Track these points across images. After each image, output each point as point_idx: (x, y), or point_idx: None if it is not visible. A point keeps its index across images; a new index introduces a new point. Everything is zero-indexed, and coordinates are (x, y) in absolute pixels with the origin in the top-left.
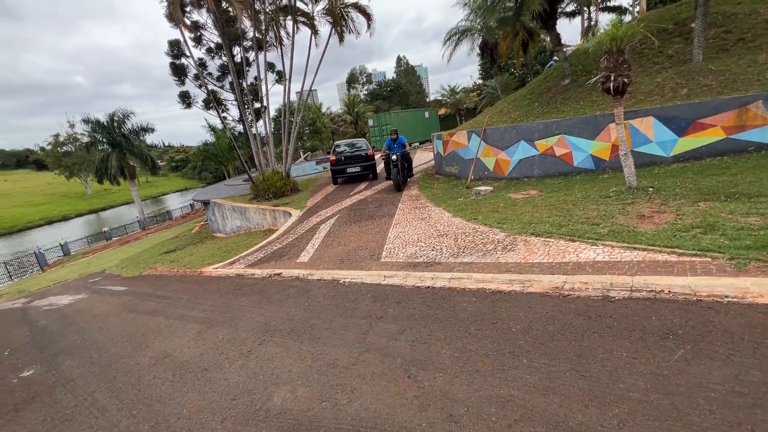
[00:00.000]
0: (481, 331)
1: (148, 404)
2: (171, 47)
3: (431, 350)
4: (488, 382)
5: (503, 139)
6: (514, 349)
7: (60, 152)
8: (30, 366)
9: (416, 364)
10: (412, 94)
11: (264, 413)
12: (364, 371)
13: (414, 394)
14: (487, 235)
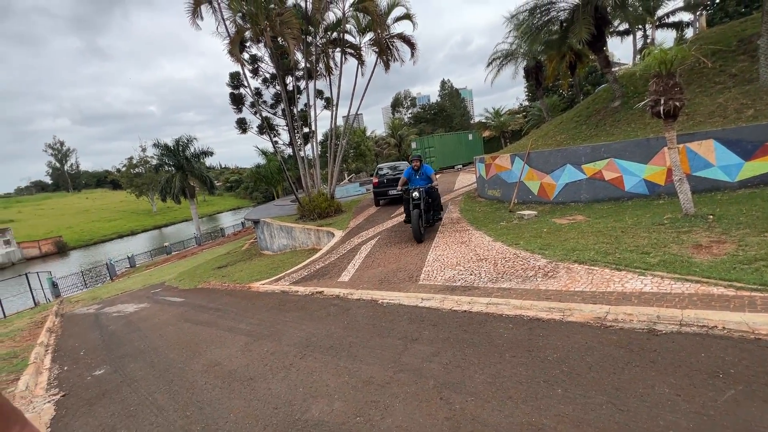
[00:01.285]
0: (515, 357)
1: (199, 407)
2: (231, 79)
3: (464, 374)
4: (520, 409)
5: (548, 162)
6: (549, 378)
7: (132, 173)
8: (101, 366)
9: (449, 386)
10: (456, 117)
11: (302, 423)
12: (398, 390)
13: (445, 416)
14: (528, 261)
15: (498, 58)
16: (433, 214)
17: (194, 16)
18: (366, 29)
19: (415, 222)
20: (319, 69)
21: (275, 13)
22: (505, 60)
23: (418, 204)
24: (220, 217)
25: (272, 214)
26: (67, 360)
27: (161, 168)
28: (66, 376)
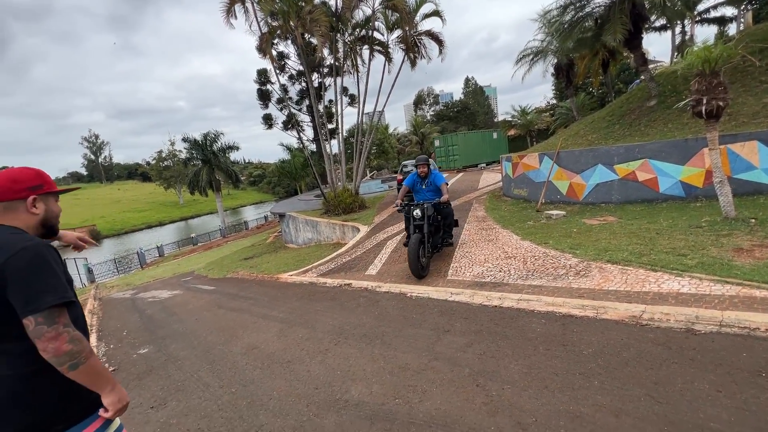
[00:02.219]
0: (550, 351)
1: (243, 385)
2: (259, 75)
3: (499, 364)
4: (557, 398)
5: (578, 162)
6: (585, 371)
7: (161, 166)
8: (145, 345)
9: (484, 375)
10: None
11: (343, 402)
12: (434, 377)
13: (482, 401)
14: (559, 259)
15: (528, 55)
16: (443, 236)
17: (228, 16)
18: (394, 26)
19: (412, 252)
20: (346, 66)
21: (306, 11)
22: (535, 57)
23: (420, 225)
24: (244, 211)
25: (297, 208)
26: (112, 339)
27: (189, 162)
28: (113, 353)
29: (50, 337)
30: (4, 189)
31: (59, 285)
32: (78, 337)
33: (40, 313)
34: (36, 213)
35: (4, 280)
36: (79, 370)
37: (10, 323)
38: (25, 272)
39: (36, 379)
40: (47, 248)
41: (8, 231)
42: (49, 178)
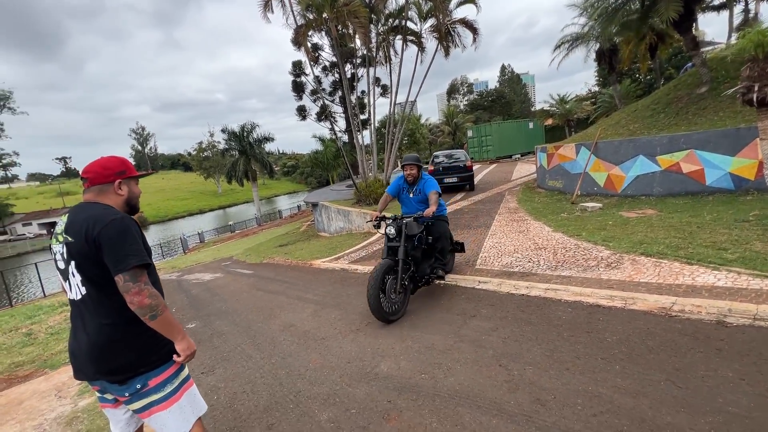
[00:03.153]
0: (573, 336)
1: (282, 357)
2: (293, 67)
3: (522, 347)
4: (577, 379)
5: (618, 153)
6: (608, 356)
7: (201, 157)
8: (192, 321)
9: (507, 356)
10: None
11: (373, 375)
12: (459, 356)
13: (504, 379)
14: (590, 251)
15: (567, 41)
16: (433, 265)
17: (265, 10)
18: (427, 15)
19: (372, 286)
20: (379, 57)
21: (341, 3)
22: (575, 43)
23: (395, 248)
24: (277, 200)
25: (329, 198)
26: None
27: (227, 152)
28: None
29: (135, 292)
30: (97, 174)
31: (140, 250)
32: (155, 294)
33: (126, 272)
34: (121, 194)
35: (100, 246)
36: (157, 320)
37: (109, 281)
38: (115, 239)
39: (128, 328)
40: (131, 221)
41: (102, 207)
42: (131, 165)
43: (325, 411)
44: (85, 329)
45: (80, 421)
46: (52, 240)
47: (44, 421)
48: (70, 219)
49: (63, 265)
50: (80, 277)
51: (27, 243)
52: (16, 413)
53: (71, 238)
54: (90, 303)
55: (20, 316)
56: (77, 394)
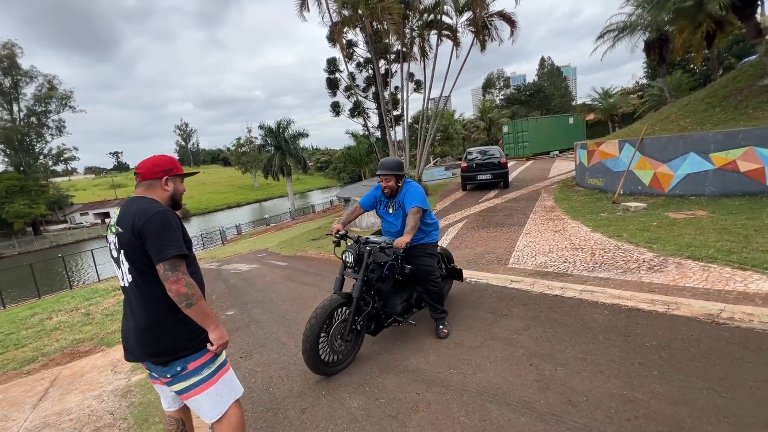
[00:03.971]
0: (609, 340)
1: None
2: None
3: (554, 348)
4: (611, 382)
5: (666, 150)
6: (645, 361)
7: (239, 152)
8: (231, 308)
9: (538, 356)
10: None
11: (402, 368)
12: (488, 354)
13: (534, 378)
14: (632, 253)
15: (612, 30)
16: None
17: (302, 9)
18: (464, 9)
19: (311, 330)
20: (413, 52)
21: (376, 0)
22: (621, 33)
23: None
24: (310, 195)
25: (361, 193)
26: None
27: (264, 148)
28: None
29: (173, 280)
30: (148, 170)
31: (179, 241)
32: (192, 283)
33: (166, 261)
34: (167, 190)
35: (144, 236)
36: (193, 308)
37: (152, 269)
38: (156, 230)
39: (169, 315)
40: (172, 214)
41: (148, 200)
42: (178, 164)
43: (355, 399)
44: (133, 314)
45: (133, 395)
46: (107, 230)
47: (103, 392)
48: (122, 211)
49: (115, 253)
50: (128, 265)
51: (84, 231)
52: (80, 384)
53: (121, 229)
54: (136, 290)
55: (79, 297)
56: (130, 370)
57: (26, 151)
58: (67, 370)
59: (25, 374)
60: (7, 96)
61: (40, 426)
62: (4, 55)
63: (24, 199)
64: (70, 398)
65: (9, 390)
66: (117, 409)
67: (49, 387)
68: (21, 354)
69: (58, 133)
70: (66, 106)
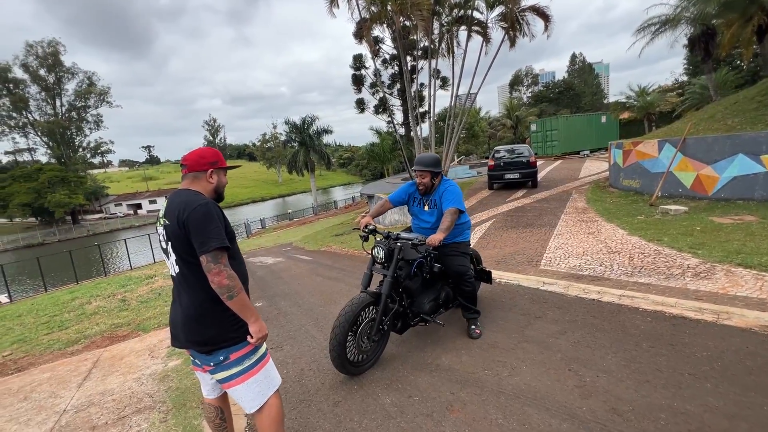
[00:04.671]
0: (654, 348)
1: None
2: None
3: (594, 354)
4: (660, 393)
5: (711, 150)
6: (696, 373)
7: (265, 148)
8: (259, 300)
9: (577, 361)
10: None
11: (434, 366)
12: (524, 356)
13: (575, 384)
14: (674, 258)
15: (653, 24)
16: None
17: (331, 5)
18: (495, 3)
19: (339, 330)
20: (441, 49)
21: None
22: (662, 27)
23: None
24: (333, 191)
25: (385, 190)
26: None
27: (288, 144)
28: None
29: (215, 272)
30: (194, 162)
31: (221, 233)
32: (233, 276)
33: (209, 253)
34: (211, 182)
35: (188, 228)
36: (234, 300)
37: (198, 260)
38: (199, 222)
39: (213, 305)
40: (214, 206)
41: (192, 193)
42: (222, 157)
43: (388, 395)
44: (180, 302)
45: (170, 379)
46: (156, 222)
47: (142, 375)
48: (168, 203)
49: (164, 245)
50: (175, 256)
51: (118, 221)
52: (120, 366)
53: (167, 221)
54: (183, 280)
55: (115, 284)
56: (167, 355)
57: (67, 143)
58: (108, 352)
59: (69, 354)
60: (51, 92)
61: (86, 404)
62: (49, 53)
63: (64, 189)
64: (112, 379)
65: (56, 369)
66: (156, 393)
67: (92, 368)
68: (65, 335)
69: (96, 127)
70: (104, 102)
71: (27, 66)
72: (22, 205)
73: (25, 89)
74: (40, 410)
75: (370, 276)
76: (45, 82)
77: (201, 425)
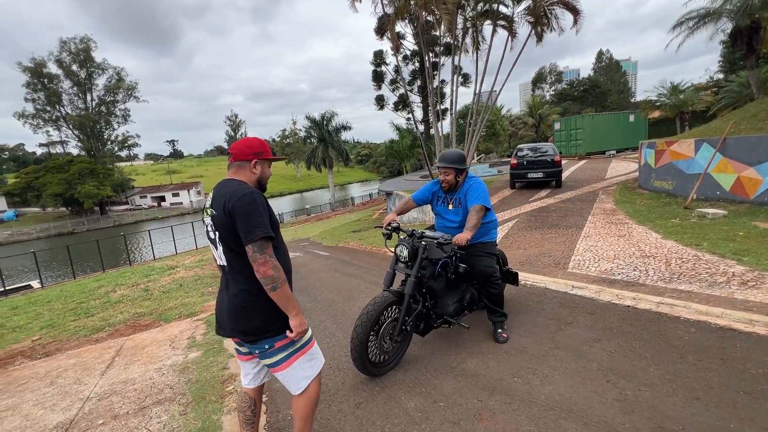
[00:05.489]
0: (702, 362)
1: None
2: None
3: (634, 365)
4: (712, 412)
5: (755, 151)
6: (753, 391)
7: (284, 143)
8: None
9: (616, 372)
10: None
11: (459, 371)
12: (556, 364)
13: (614, 398)
14: (717, 265)
15: (692, 18)
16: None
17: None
18: None
19: (361, 330)
20: (465, 44)
21: None
22: (702, 21)
23: (406, 275)
24: (350, 187)
25: (403, 187)
26: None
27: (307, 140)
28: None
29: (261, 262)
30: (240, 152)
31: (265, 223)
32: (278, 266)
33: (254, 243)
34: (255, 173)
35: (234, 217)
36: (277, 291)
37: (244, 250)
38: (244, 212)
39: (259, 296)
40: (259, 195)
41: (237, 183)
42: (268, 148)
43: (411, 399)
44: (227, 292)
45: (191, 371)
46: (203, 213)
47: (162, 366)
48: (215, 194)
49: (212, 235)
50: (222, 246)
51: (142, 213)
52: (142, 356)
53: (215, 211)
54: (231, 270)
55: (139, 274)
56: (187, 347)
57: (96, 137)
58: (130, 341)
59: (94, 342)
60: (83, 86)
61: (109, 393)
62: (81, 49)
63: (93, 181)
64: (134, 369)
65: (81, 355)
66: (176, 384)
67: (115, 356)
68: (90, 322)
69: (124, 121)
70: (131, 97)
71: (61, 61)
72: (54, 195)
73: (58, 84)
74: (65, 396)
75: (393, 275)
76: (77, 77)
77: (220, 420)
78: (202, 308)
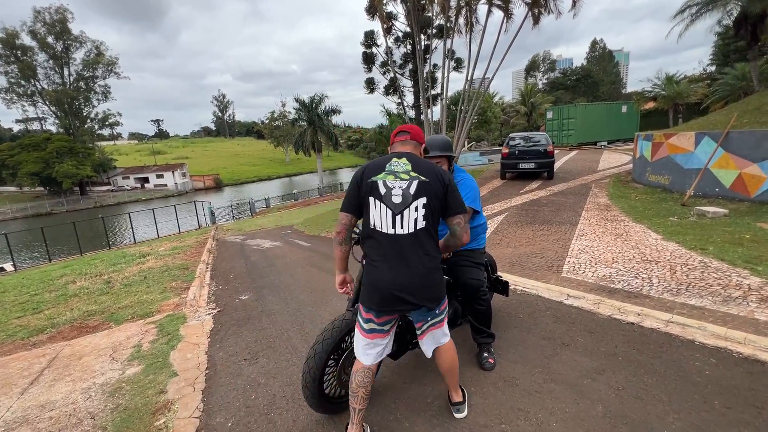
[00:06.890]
0: (732, 411)
1: None
2: (365, 37)
3: (648, 411)
4: None
5: (760, 147)
6: None
7: (273, 126)
8: (246, 292)
9: (627, 421)
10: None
11: (436, 409)
12: (552, 405)
13: None
14: (728, 275)
15: (696, 4)
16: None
17: None
18: None
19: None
20: (458, 25)
21: None
22: (704, 8)
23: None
24: (339, 173)
25: None
26: (220, 280)
27: (296, 122)
28: (220, 294)
29: (467, 231)
30: (417, 134)
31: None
32: None
33: (465, 213)
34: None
35: (448, 188)
36: None
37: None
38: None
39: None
40: None
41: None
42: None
43: None
44: (409, 262)
45: (122, 394)
46: (382, 175)
47: (92, 385)
48: (413, 163)
49: (399, 199)
50: (424, 211)
51: (125, 194)
52: (75, 369)
53: (425, 177)
54: (423, 237)
55: (107, 262)
56: (128, 358)
57: (75, 114)
58: (69, 348)
59: (30, 346)
60: (59, 60)
61: (20, 420)
62: (56, 20)
63: (72, 160)
64: (60, 387)
65: (8, 365)
66: (99, 412)
67: (46, 367)
68: (35, 321)
69: (104, 98)
70: (111, 72)
71: (35, 32)
72: (30, 175)
73: (33, 57)
74: None
75: (359, 290)
76: (53, 50)
77: None
78: (159, 308)
